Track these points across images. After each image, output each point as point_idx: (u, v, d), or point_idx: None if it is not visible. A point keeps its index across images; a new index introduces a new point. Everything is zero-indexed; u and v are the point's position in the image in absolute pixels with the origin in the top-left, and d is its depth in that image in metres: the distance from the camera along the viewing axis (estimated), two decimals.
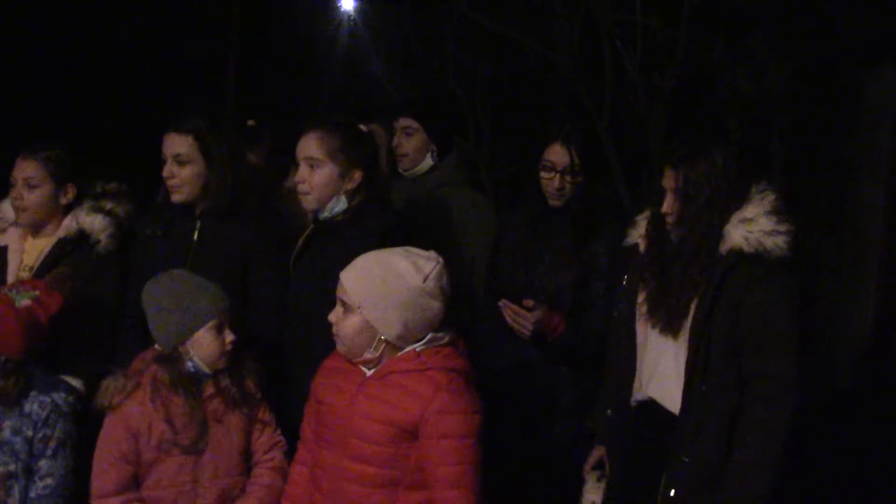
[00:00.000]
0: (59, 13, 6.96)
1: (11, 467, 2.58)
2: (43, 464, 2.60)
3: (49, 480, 2.60)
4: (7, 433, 2.58)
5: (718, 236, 2.37)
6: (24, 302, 2.61)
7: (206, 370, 2.52)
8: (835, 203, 5.54)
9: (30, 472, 2.60)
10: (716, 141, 2.47)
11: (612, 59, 4.75)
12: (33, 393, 2.61)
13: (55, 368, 2.75)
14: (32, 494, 2.60)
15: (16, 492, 2.59)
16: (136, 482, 2.50)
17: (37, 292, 2.66)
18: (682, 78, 4.67)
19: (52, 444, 2.60)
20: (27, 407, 2.60)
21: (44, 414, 2.60)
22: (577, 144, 2.91)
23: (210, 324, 2.49)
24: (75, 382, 2.73)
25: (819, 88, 5.02)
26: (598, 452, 2.71)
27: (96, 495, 2.49)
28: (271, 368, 2.64)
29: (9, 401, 2.59)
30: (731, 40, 4.71)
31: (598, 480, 2.67)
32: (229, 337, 2.51)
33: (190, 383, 2.50)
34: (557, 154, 2.92)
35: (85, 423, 2.66)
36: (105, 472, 2.48)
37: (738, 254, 2.34)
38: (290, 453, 2.54)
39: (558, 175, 2.91)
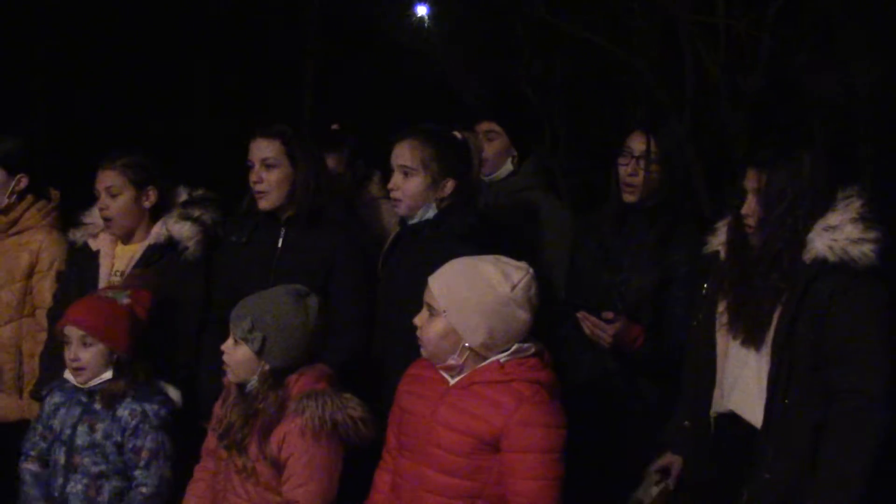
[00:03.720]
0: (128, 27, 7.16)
1: (102, 468, 2.67)
2: (138, 474, 2.67)
3: (144, 489, 2.67)
4: (99, 435, 2.68)
5: (801, 244, 2.29)
6: (124, 300, 2.72)
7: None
8: None
9: (121, 476, 2.69)
10: (803, 144, 2.38)
11: (693, 61, 4.67)
12: (127, 399, 2.69)
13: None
14: (129, 499, 2.68)
15: (106, 492, 2.68)
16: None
17: (129, 291, 2.76)
18: (766, 81, 4.56)
19: (145, 454, 2.66)
20: (119, 412, 2.68)
21: (133, 423, 2.67)
22: (657, 134, 2.90)
23: None
24: (173, 394, 2.78)
25: None
26: (666, 459, 2.65)
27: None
28: (356, 375, 2.64)
29: (112, 401, 2.68)
30: (817, 42, 4.58)
31: (656, 484, 2.62)
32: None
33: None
34: (636, 140, 2.91)
35: (181, 433, 2.74)
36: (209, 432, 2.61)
37: (821, 263, 2.26)
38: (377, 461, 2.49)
39: (633, 160, 2.88)
